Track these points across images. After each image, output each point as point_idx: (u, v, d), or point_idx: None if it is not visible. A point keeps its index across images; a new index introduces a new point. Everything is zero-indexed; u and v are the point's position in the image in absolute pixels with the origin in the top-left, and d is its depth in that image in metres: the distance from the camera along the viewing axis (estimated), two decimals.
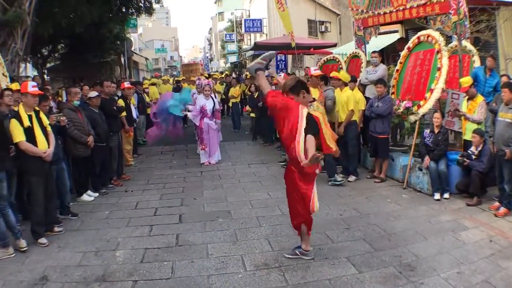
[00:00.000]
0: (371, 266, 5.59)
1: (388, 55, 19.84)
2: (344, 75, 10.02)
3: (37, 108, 6.87)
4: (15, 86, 8.14)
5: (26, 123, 6.51)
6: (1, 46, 10.87)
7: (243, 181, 10.05)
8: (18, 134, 6.44)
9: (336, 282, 5.20)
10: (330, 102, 9.78)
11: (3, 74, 9.12)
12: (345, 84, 9.86)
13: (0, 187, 6.35)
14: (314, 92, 8.70)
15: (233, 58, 56.29)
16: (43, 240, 6.72)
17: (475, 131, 7.93)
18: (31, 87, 6.67)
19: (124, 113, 10.99)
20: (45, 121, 6.91)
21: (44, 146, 6.70)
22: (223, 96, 20.35)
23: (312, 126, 5.34)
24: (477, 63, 10.17)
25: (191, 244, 6.54)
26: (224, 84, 21.88)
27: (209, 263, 5.85)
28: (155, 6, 25.58)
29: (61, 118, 7.78)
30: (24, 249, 6.43)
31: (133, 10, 24.25)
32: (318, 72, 9.67)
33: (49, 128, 6.95)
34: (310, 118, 5.35)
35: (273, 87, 12.64)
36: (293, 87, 5.59)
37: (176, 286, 5.28)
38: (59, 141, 7.77)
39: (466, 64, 10.32)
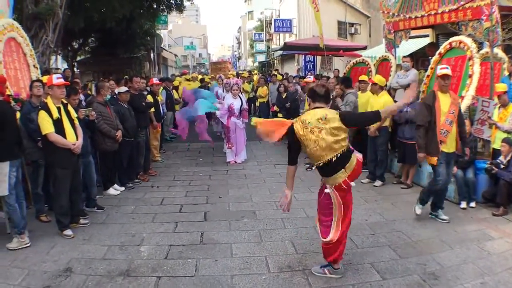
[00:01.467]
0: (395, 273, 5.54)
1: (417, 59, 19.63)
2: (380, 79, 9.72)
3: (65, 101, 6.94)
4: (45, 79, 8.25)
5: (55, 114, 6.59)
6: (33, 37, 11.01)
7: (268, 182, 10.05)
8: (47, 126, 6.52)
9: None
10: (349, 108, 9.72)
11: (34, 65, 9.24)
12: (381, 88, 9.61)
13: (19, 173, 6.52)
14: (444, 100, 7.13)
15: (261, 58, 56.23)
16: (68, 232, 6.83)
17: (504, 140, 7.83)
18: (56, 79, 6.75)
19: (152, 109, 11.07)
20: (73, 114, 6.98)
21: (73, 138, 6.77)
22: (251, 95, 20.36)
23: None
24: (507, 70, 10.08)
25: (216, 242, 6.57)
26: (252, 83, 21.76)
27: (233, 263, 5.87)
28: (185, 3, 25.76)
29: (91, 112, 7.87)
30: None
31: (164, 7, 24.45)
32: (444, 72, 7.18)
33: (76, 121, 7.01)
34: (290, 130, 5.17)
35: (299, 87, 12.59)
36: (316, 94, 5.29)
37: (199, 285, 5.30)
38: (87, 135, 7.87)
39: (497, 71, 10.20)
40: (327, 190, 5.20)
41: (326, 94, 5.29)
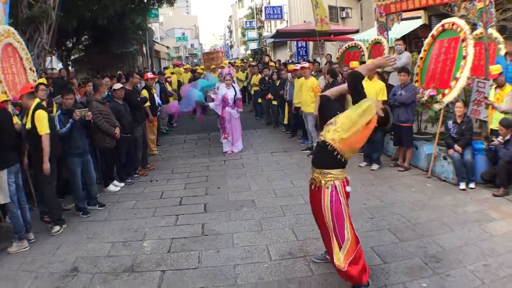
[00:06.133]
0: (396, 257, 5.60)
1: (410, 41, 19.67)
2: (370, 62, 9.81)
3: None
4: (43, 81, 8.44)
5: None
6: (28, 40, 11.07)
7: (266, 170, 10.09)
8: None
9: None
10: None
11: (30, 69, 9.29)
12: (376, 73, 9.67)
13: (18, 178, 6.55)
14: None
15: (253, 45, 56.19)
16: (54, 228, 7.02)
17: (501, 123, 7.78)
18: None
19: (148, 103, 11.09)
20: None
21: None
22: (245, 84, 20.31)
23: None
24: (503, 51, 10.06)
25: (217, 233, 6.63)
26: (245, 72, 21.64)
27: (235, 253, 5.94)
28: None
29: (87, 113, 7.85)
30: (32, 240, 6.63)
31: (154, 1, 24.46)
32: None
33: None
34: None
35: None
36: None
37: (203, 276, 5.37)
38: (84, 135, 7.91)
39: (492, 51, 10.20)
40: (348, 189, 4.89)
41: None
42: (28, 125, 6.69)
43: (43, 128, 6.65)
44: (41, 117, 6.65)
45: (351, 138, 4.58)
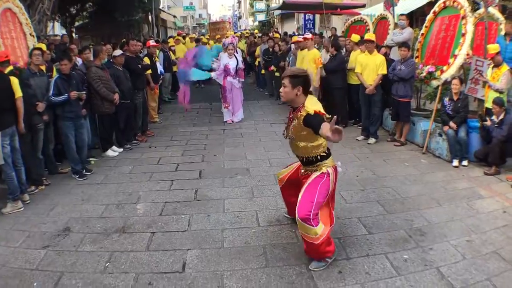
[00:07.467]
0: (381, 228, 5.67)
1: (416, 18, 19.52)
2: (370, 35, 9.92)
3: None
4: (42, 46, 8.47)
5: None
6: (29, 6, 11.04)
7: (263, 140, 10.20)
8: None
9: (345, 242, 5.31)
10: None
11: (30, 34, 9.34)
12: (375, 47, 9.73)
13: (13, 141, 6.63)
14: None
15: (261, 17, 55.74)
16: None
17: (494, 101, 7.77)
18: None
19: (149, 71, 11.13)
20: None
21: None
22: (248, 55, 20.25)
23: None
24: (504, 31, 10.05)
25: (209, 199, 6.76)
26: (246, 43, 21.54)
27: (225, 218, 6.06)
28: None
29: (82, 95, 7.95)
30: (27, 201, 6.77)
31: None
32: None
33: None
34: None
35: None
36: (295, 76, 4.48)
37: (191, 238, 5.50)
38: (79, 100, 7.98)
39: (494, 32, 10.16)
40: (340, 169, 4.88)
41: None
42: None
43: (17, 92, 6.71)
44: (14, 82, 6.71)
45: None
